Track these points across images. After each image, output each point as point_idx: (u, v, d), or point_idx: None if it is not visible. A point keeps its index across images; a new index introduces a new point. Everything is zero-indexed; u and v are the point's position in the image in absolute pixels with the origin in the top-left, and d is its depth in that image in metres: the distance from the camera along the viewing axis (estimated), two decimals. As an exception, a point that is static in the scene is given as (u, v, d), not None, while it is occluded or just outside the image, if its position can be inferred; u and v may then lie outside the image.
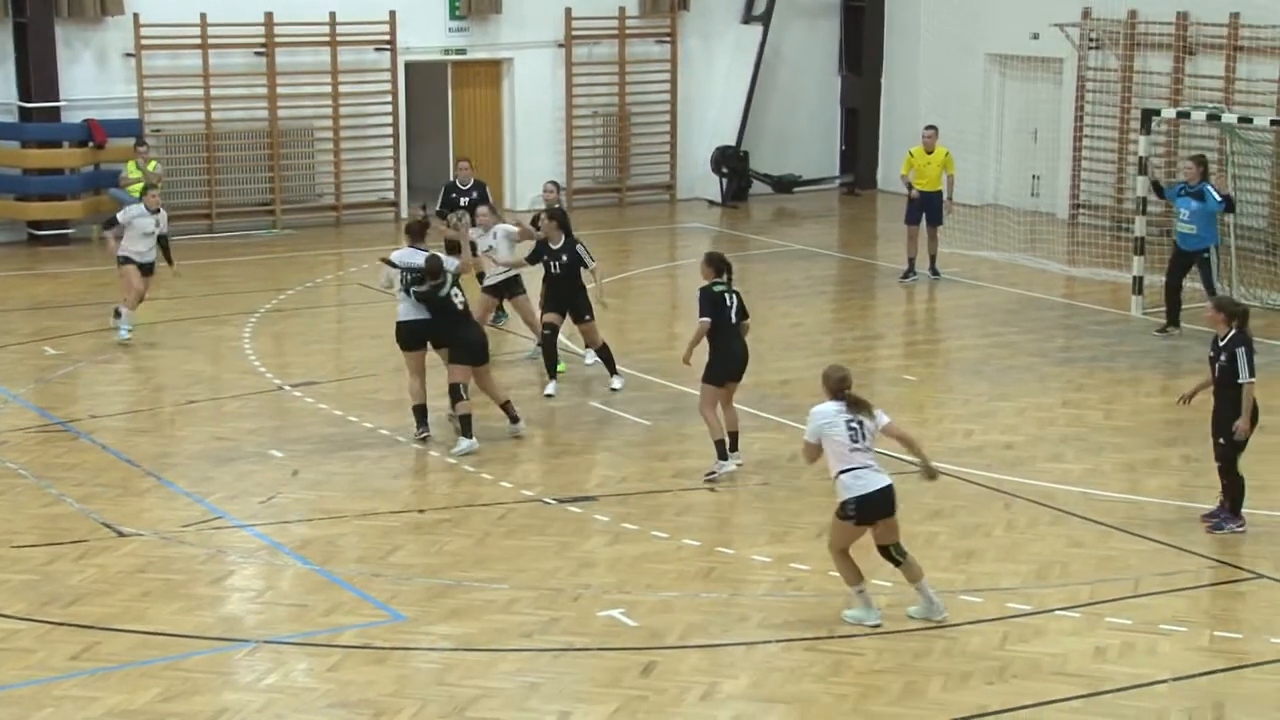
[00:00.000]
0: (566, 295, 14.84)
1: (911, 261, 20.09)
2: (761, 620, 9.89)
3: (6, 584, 10.23)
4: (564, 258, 14.81)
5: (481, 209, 15.75)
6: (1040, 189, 24.30)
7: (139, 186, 21.68)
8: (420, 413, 13.24)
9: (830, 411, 9.65)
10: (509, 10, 24.51)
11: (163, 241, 16.59)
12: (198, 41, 22.40)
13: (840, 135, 27.39)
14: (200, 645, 9.41)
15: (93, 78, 22.04)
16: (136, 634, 9.51)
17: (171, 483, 12.33)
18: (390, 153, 24.07)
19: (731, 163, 25.86)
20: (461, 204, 17.33)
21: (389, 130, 23.94)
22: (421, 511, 11.79)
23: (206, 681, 8.94)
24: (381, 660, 9.25)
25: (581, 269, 14.86)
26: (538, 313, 15.35)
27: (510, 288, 15.57)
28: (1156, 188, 17.94)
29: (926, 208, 19.99)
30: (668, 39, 25.74)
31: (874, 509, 9.53)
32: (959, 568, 10.76)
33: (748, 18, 26.21)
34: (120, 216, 16.57)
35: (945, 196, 20.11)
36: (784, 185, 26.48)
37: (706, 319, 12.39)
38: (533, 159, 25.10)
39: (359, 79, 23.71)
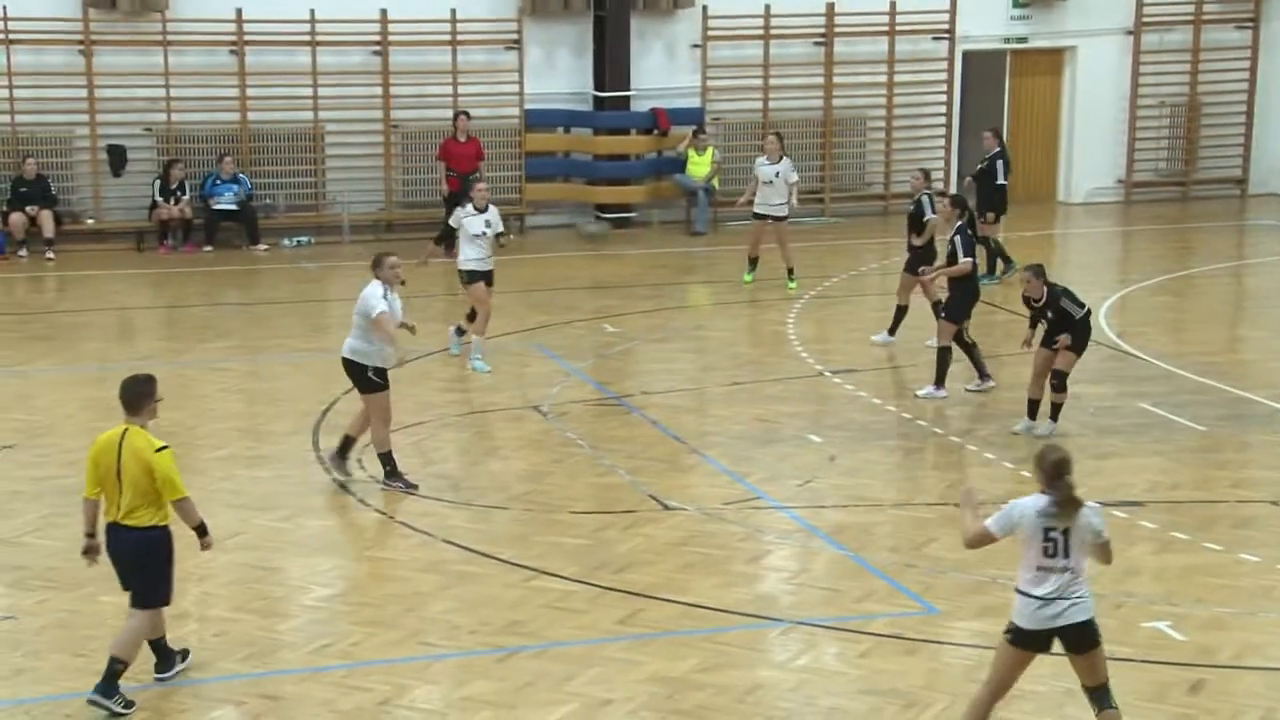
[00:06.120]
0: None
1: None
2: (1328, 648, 9.13)
3: (562, 547, 10.80)
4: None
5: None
6: None
7: (701, 170, 22.52)
8: None
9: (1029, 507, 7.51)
10: (1074, -3, 23.78)
11: (501, 241, 15.09)
12: (760, 32, 22.95)
13: None
14: (736, 620, 9.61)
15: (661, 68, 23.00)
16: (678, 604, 9.81)
17: (714, 460, 12.67)
18: (942, 143, 23.86)
19: (1313, 156, 24.09)
20: None
21: (942, 120, 23.73)
22: (957, 505, 11.58)
23: (742, 656, 9.12)
24: (912, 651, 9.15)
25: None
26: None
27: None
28: None
29: None
30: (1250, 24, 24.22)
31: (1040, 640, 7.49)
32: None
33: (1339, -2, 24.32)
34: (452, 220, 15.15)
35: None
36: (1374, 181, 24.42)
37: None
38: (1090, 151, 24.29)
39: (915, 68, 23.62)
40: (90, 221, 21.45)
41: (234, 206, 21.28)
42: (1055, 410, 12.93)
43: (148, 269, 20.33)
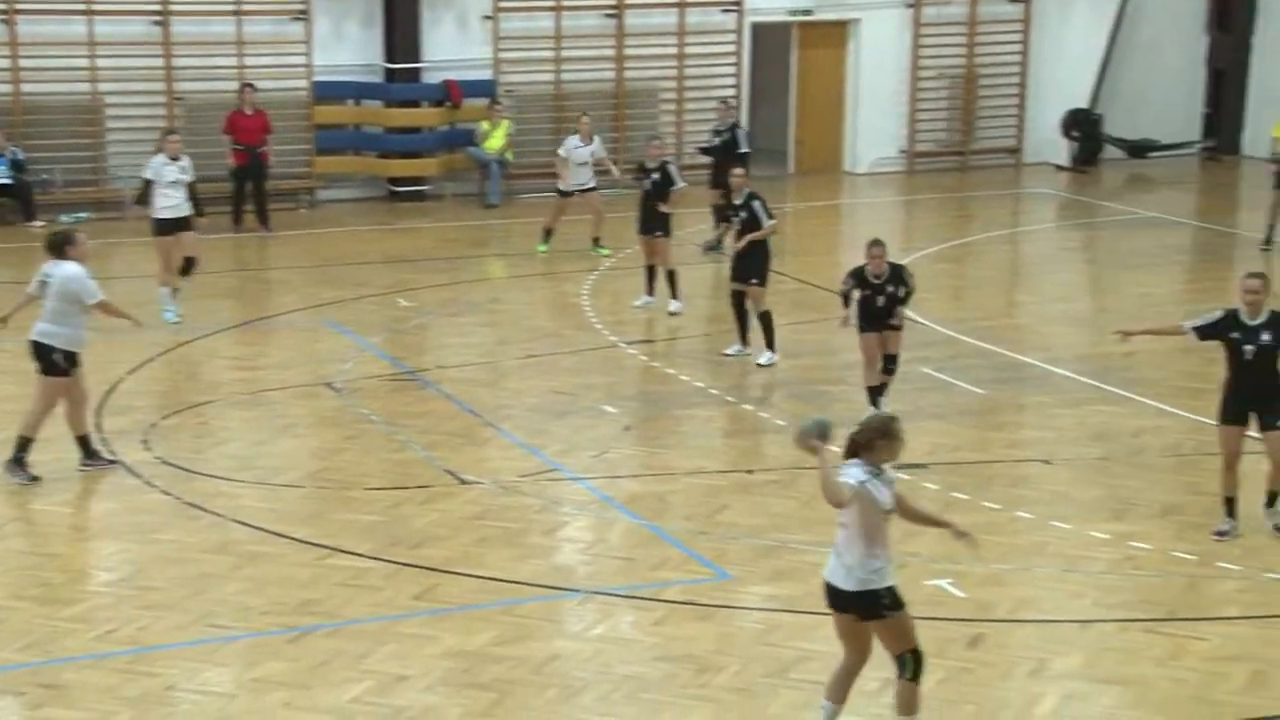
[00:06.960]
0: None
1: (1271, 229, 19.05)
2: (1097, 599, 9.55)
3: (357, 524, 10.73)
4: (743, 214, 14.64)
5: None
6: None
7: (495, 143, 22.42)
8: None
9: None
10: (858, -30, 24.25)
11: (191, 190, 15.74)
12: (553, 3, 22.90)
13: (1204, 97, 26.08)
14: (533, 592, 9.67)
15: (452, 40, 22.78)
16: (474, 578, 9.83)
17: (510, 433, 12.69)
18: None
19: (1083, 126, 24.97)
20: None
21: (732, 92, 23.96)
22: (750, 472, 11.82)
23: (538, 628, 9.18)
24: (706, 617, 9.32)
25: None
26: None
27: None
28: None
29: (1295, 175, 18.91)
30: (1022, -2, 25.00)
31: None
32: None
33: (1107, -27, 25.22)
34: (147, 173, 15.77)
35: None
36: (1139, 150, 25.41)
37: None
38: (874, 121, 24.81)
39: (705, 40, 23.84)
40: None
41: (8, 181, 20.52)
42: (884, 389, 12.91)
43: (-83, 248, 19.51)
